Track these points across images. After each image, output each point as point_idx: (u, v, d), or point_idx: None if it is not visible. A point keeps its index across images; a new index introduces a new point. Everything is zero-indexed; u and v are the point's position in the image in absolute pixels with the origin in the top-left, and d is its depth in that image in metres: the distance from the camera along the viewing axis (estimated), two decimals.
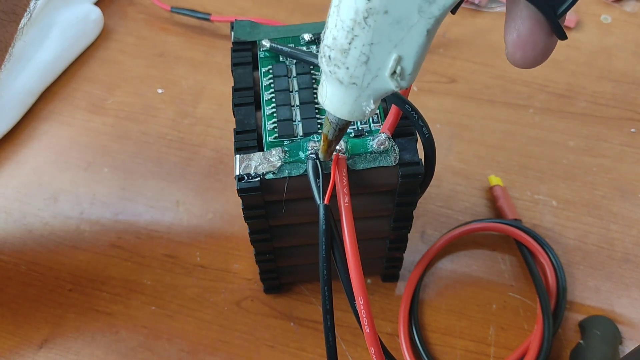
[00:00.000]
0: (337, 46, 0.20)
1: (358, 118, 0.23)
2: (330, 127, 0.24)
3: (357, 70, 0.20)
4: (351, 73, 0.20)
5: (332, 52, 0.20)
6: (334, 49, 0.20)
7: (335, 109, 0.23)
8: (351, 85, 0.21)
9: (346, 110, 0.22)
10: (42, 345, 0.37)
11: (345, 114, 0.23)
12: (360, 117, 0.23)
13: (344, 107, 0.22)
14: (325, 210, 0.25)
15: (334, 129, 0.24)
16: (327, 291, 0.26)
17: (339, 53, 0.20)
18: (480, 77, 0.49)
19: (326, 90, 0.22)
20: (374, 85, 0.21)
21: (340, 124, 0.24)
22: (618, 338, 0.36)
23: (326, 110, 0.24)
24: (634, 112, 0.46)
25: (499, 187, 0.42)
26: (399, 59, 0.20)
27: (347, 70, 0.20)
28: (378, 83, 0.21)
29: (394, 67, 0.20)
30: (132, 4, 0.54)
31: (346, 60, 0.20)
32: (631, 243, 0.40)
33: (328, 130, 0.24)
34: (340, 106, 0.22)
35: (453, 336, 0.37)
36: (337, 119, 0.23)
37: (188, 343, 0.37)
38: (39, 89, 0.48)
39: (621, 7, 0.53)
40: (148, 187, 0.43)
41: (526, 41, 0.19)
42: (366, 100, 0.22)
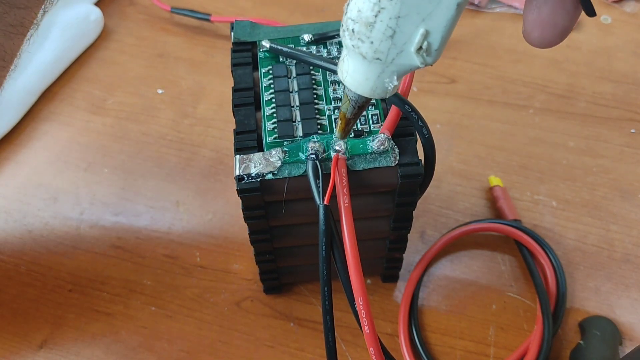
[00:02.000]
0: (361, 19, 0.19)
1: (379, 95, 0.22)
2: (349, 105, 0.23)
3: (382, 44, 0.20)
4: (375, 48, 0.20)
5: (356, 25, 0.19)
6: (358, 21, 0.19)
7: (357, 85, 0.22)
8: (375, 61, 0.20)
9: (368, 87, 0.22)
10: (42, 346, 0.37)
11: (367, 91, 0.22)
12: (381, 94, 0.22)
13: (365, 83, 0.21)
14: (325, 210, 0.25)
15: (352, 107, 0.23)
16: (327, 291, 0.26)
17: (363, 26, 0.19)
18: (480, 77, 0.49)
19: (347, 66, 0.21)
20: (399, 60, 0.20)
21: (359, 102, 0.23)
22: (618, 338, 0.36)
23: (345, 87, 0.23)
24: (634, 113, 0.46)
25: (498, 188, 0.42)
26: (427, 33, 0.19)
27: (371, 45, 0.20)
28: (403, 59, 0.20)
29: (420, 42, 0.19)
30: (132, 5, 0.54)
31: (371, 34, 0.19)
32: (631, 243, 0.40)
33: (347, 108, 0.24)
34: (362, 82, 0.21)
35: (453, 336, 0.37)
36: (357, 96, 0.23)
37: (188, 343, 0.37)
38: (39, 89, 0.48)
39: (621, 7, 0.53)
40: (148, 188, 0.43)
41: (546, 21, 0.19)
42: (389, 77, 0.21)
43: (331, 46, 0.32)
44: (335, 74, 0.30)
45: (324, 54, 0.32)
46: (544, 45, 0.20)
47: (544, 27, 0.19)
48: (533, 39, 0.20)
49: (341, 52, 0.27)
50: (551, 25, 0.19)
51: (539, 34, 0.19)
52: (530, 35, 0.20)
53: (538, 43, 0.20)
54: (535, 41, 0.20)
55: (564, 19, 0.19)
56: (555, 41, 0.20)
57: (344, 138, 0.26)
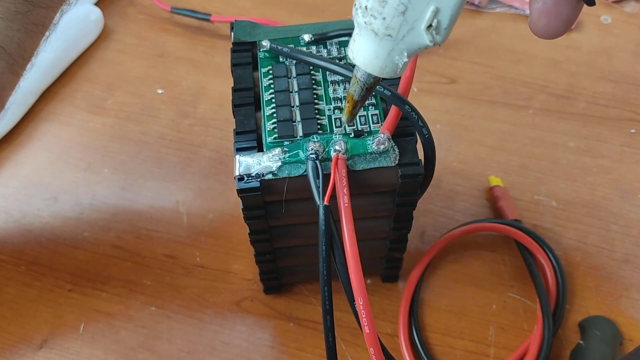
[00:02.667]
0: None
1: (389, 74, 0.22)
2: (358, 86, 0.24)
3: (393, 21, 0.20)
4: (387, 24, 0.20)
5: (369, 2, 0.20)
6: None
7: (367, 63, 0.22)
8: (386, 38, 0.21)
9: (378, 65, 0.22)
10: (42, 346, 0.37)
11: (377, 69, 0.22)
12: (391, 72, 0.22)
13: (375, 61, 0.22)
14: (325, 210, 0.25)
15: (361, 88, 0.24)
16: (327, 291, 0.26)
17: (376, 3, 0.20)
18: (480, 77, 0.49)
19: (358, 45, 0.22)
20: (409, 38, 0.21)
21: (368, 82, 0.23)
22: (618, 338, 0.36)
23: (355, 68, 0.23)
24: (633, 113, 0.46)
25: (499, 188, 0.42)
26: (437, 10, 0.20)
27: (383, 21, 0.20)
28: (413, 36, 0.21)
29: (430, 20, 0.20)
30: (133, 5, 0.54)
31: (383, 10, 0.20)
32: (631, 243, 0.40)
33: (355, 89, 0.24)
34: (372, 60, 0.22)
35: (453, 336, 0.37)
36: (367, 75, 0.23)
37: (188, 343, 0.37)
38: (39, 89, 0.48)
39: (621, 7, 0.53)
40: (148, 188, 0.43)
41: (551, 10, 0.20)
42: (399, 54, 0.21)
43: (331, 46, 0.32)
44: (335, 74, 0.30)
45: (324, 54, 0.32)
46: (550, 34, 0.20)
47: (549, 16, 0.20)
48: (539, 28, 0.20)
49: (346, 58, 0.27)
50: (555, 14, 0.20)
51: (544, 23, 0.20)
52: (537, 25, 0.20)
53: (544, 32, 0.20)
54: (542, 30, 0.20)
55: (567, 8, 0.20)
56: (560, 30, 0.20)
57: (350, 122, 0.26)
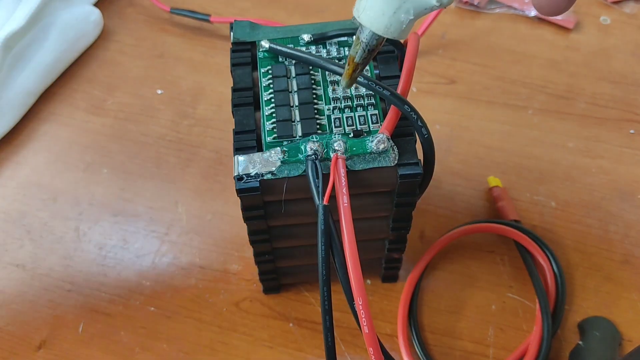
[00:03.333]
0: None
1: (393, 34, 0.22)
2: (360, 48, 0.23)
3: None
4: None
5: None
6: None
7: (372, 21, 0.22)
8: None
9: (383, 24, 0.22)
10: (41, 346, 0.37)
11: (381, 28, 0.22)
12: (395, 32, 0.22)
13: (381, 18, 0.22)
14: (324, 210, 0.25)
15: (363, 50, 0.23)
16: (326, 292, 0.26)
17: None
18: (479, 78, 0.49)
19: (364, 3, 0.22)
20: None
21: (371, 44, 0.23)
22: (617, 339, 0.36)
23: (358, 29, 0.23)
24: (633, 114, 0.46)
25: (498, 188, 0.42)
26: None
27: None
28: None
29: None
30: (132, 5, 0.54)
31: None
32: (630, 244, 0.40)
33: (356, 51, 0.24)
34: (378, 17, 0.22)
35: (452, 337, 0.37)
36: (370, 35, 0.23)
37: (187, 344, 0.37)
38: (39, 90, 0.48)
39: (620, 8, 0.53)
40: (147, 188, 0.43)
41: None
42: (406, 12, 0.21)
43: (330, 46, 0.32)
44: (334, 74, 0.30)
45: (324, 54, 0.32)
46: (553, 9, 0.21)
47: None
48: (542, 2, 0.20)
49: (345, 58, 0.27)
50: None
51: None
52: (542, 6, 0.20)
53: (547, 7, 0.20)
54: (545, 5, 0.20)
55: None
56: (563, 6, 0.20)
57: (350, 86, 0.26)
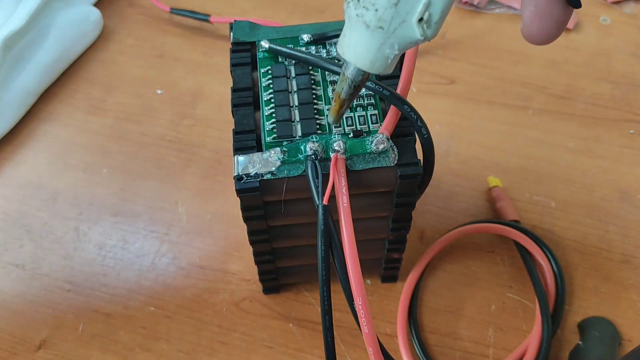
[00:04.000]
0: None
1: (379, 69, 0.22)
2: (345, 84, 0.24)
3: (386, 12, 0.20)
4: (380, 15, 0.21)
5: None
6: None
7: (357, 57, 0.22)
8: (377, 30, 0.21)
9: (368, 60, 0.22)
10: (41, 346, 0.37)
11: (367, 64, 0.22)
12: (380, 67, 0.22)
13: (366, 55, 0.22)
14: (324, 210, 0.25)
15: (349, 86, 0.24)
16: (326, 292, 0.26)
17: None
18: (479, 78, 0.49)
19: (348, 39, 0.22)
20: (401, 31, 0.21)
21: (357, 80, 0.23)
22: (617, 339, 0.36)
23: (343, 66, 0.23)
24: (632, 114, 0.46)
25: (498, 188, 0.42)
26: (428, 4, 0.20)
27: (375, 13, 0.21)
28: (405, 29, 0.21)
29: (422, 13, 0.20)
30: (132, 5, 0.54)
31: (376, 2, 0.20)
32: (630, 244, 0.40)
33: (342, 87, 0.24)
34: (363, 54, 0.22)
35: (452, 337, 0.37)
36: (355, 72, 0.23)
37: (187, 344, 0.37)
38: (39, 90, 0.48)
39: (620, 8, 0.53)
40: (147, 188, 0.43)
41: (543, 12, 0.20)
42: (390, 48, 0.21)
43: (330, 46, 0.32)
44: (334, 74, 0.30)
45: (323, 54, 0.32)
46: (542, 38, 0.20)
47: (541, 19, 0.20)
48: (532, 31, 0.20)
49: None
50: (548, 16, 0.20)
51: (537, 25, 0.20)
52: (529, 29, 0.20)
53: (537, 35, 0.20)
54: (535, 33, 0.20)
55: (559, 10, 0.20)
56: (553, 33, 0.20)
57: (337, 122, 0.26)
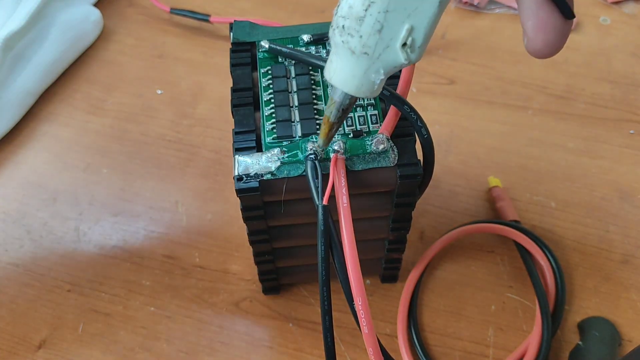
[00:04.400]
0: (352, 14, 0.21)
1: (365, 94, 0.23)
2: (334, 108, 0.24)
3: (370, 39, 0.21)
4: (364, 42, 0.21)
5: (346, 21, 0.21)
6: (348, 17, 0.21)
7: (344, 82, 0.23)
8: (362, 56, 0.21)
9: (354, 84, 0.22)
10: (41, 346, 0.37)
11: (353, 89, 0.23)
12: (367, 91, 0.23)
13: (352, 80, 0.22)
14: (323, 210, 0.25)
15: (337, 109, 0.24)
16: (326, 292, 0.26)
17: (353, 21, 0.21)
18: (479, 78, 0.49)
19: (335, 65, 0.23)
20: (385, 56, 0.21)
21: (344, 104, 0.24)
22: (617, 339, 0.36)
23: (331, 89, 0.24)
24: (632, 114, 0.46)
25: (498, 188, 0.42)
26: (411, 29, 0.20)
27: (360, 39, 0.21)
28: (389, 54, 0.21)
29: (405, 38, 0.21)
30: (132, 5, 0.54)
31: (360, 29, 0.21)
32: (630, 244, 0.40)
33: (331, 111, 0.24)
34: (349, 79, 0.22)
35: (452, 337, 0.37)
36: (343, 96, 0.23)
37: (187, 344, 0.37)
38: (39, 90, 0.48)
39: (620, 8, 0.53)
40: (147, 188, 0.43)
41: (545, 24, 0.20)
42: (376, 73, 0.22)
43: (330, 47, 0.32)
44: None
45: (323, 55, 0.32)
46: (548, 50, 0.20)
47: (545, 31, 0.20)
48: (538, 43, 0.20)
49: None
50: (551, 28, 0.20)
51: (542, 37, 0.20)
52: (534, 41, 0.20)
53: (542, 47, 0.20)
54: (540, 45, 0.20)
55: (560, 20, 0.20)
56: (557, 43, 0.20)
57: (326, 145, 0.26)
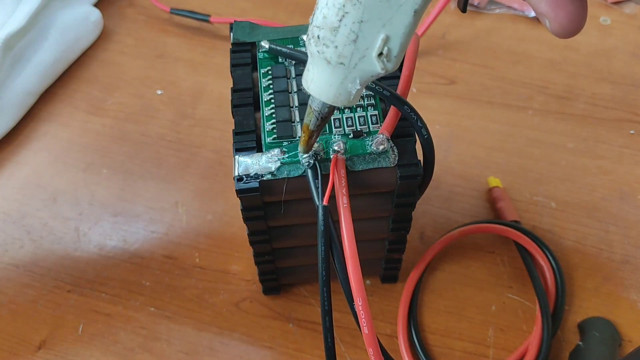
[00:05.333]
0: (327, 24, 0.20)
1: (342, 103, 0.23)
2: (313, 116, 0.24)
3: (345, 49, 0.21)
4: (340, 52, 0.21)
5: (321, 31, 0.21)
6: (323, 27, 0.20)
7: (321, 92, 0.23)
8: (339, 66, 0.21)
9: (331, 94, 0.22)
10: (41, 347, 0.37)
11: (331, 98, 0.23)
12: (344, 100, 0.23)
13: (329, 89, 0.22)
14: (324, 211, 0.25)
15: (316, 118, 0.24)
16: (326, 292, 0.26)
17: (328, 31, 0.20)
18: (479, 78, 0.49)
19: (312, 74, 0.22)
20: (361, 66, 0.21)
21: (323, 112, 0.24)
22: (617, 340, 0.36)
23: (310, 98, 0.24)
24: (632, 114, 0.46)
25: (498, 189, 0.42)
26: (387, 39, 0.20)
27: (335, 49, 0.21)
28: (365, 64, 0.21)
29: (381, 48, 0.20)
30: (132, 5, 0.54)
31: (335, 39, 0.20)
32: (630, 245, 0.40)
33: (310, 119, 0.24)
34: (326, 89, 0.22)
35: (452, 337, 0.37)
36: (321, 105, 0.23)
37: (187, 344, 0.37)
38: (39, 90, 0.48)
39: (620, 9, 0.53)
40: (147, 188, 0.43)
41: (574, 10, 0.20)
42: (352, 82, 0.22)
43: None
44: None
45: None
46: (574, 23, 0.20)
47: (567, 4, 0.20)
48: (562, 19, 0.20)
49: None
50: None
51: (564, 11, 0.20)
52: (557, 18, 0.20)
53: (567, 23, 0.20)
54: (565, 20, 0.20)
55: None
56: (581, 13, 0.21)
57: (307, 152, 0.27)
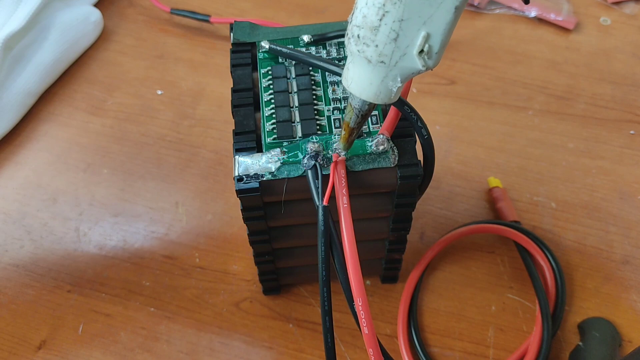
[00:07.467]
0: (367, 24, 0.20)
1: (383, 100, 0.23)
2: (353, 114, 0.24)
3: (386, 47, 0.21)
4: (380, 51, 0.21)
5: (361, 30, 0.21)
6: (363, 27, 0.21)
7: (361, 90, 0.23)
8: (379, 64, 0.21)
9: (372, 92, 0.22)
10: (41, 347, 0.37)
11: (371, 96, 0.23)
12: (385, 98, 0.23)
13: (370, 87, 0.22)
14: (324, 211, 0.25)
15: (356, 115, 0.24)
16: (326, 292, 0.26)
17: (368, 31, 0.20)
18: (479, 78, 0.49)
19: (352, 73, 0.23)
20: (402, 63, 0.21)
21: (363, 110, 0.24)
22: (617, 340, 0.36)
23: (350, 96, 0.24)
24: (633, 114, 0.46)
25: (498, 189, 0.42)
26: (427, 36, 0.20)
27: (376, 48, 0.21)
28: (406, 61, 0.21)
29: (422, 45, 0.20)
30: (132, 6, 0.54)
31: (376, 38, 0.21)
32: (630, 245, 0.40)
33: (350, 117, 0.24)
34: (367, 87, 0.22)
35: (452, 338, 0.37)
36: (361, 102, 0.23)
37: (187, 344, 0.37)
38: (39, 90, 0.48)
39: (620, 9, 0.53)
40: (147, 189, 0.43)
41: None
42: (393, 80, 0.22)
43: (330, 47, 0.32)
44: (334, 75, 0.31)
45: (323, 55, 0.32)
46: None
47: None
48: None
49: (345, 59, 0.27)
50: None
51: None
52: None
53: None
54: None
55: None
56: None
57: (347, 149, 0.27)
